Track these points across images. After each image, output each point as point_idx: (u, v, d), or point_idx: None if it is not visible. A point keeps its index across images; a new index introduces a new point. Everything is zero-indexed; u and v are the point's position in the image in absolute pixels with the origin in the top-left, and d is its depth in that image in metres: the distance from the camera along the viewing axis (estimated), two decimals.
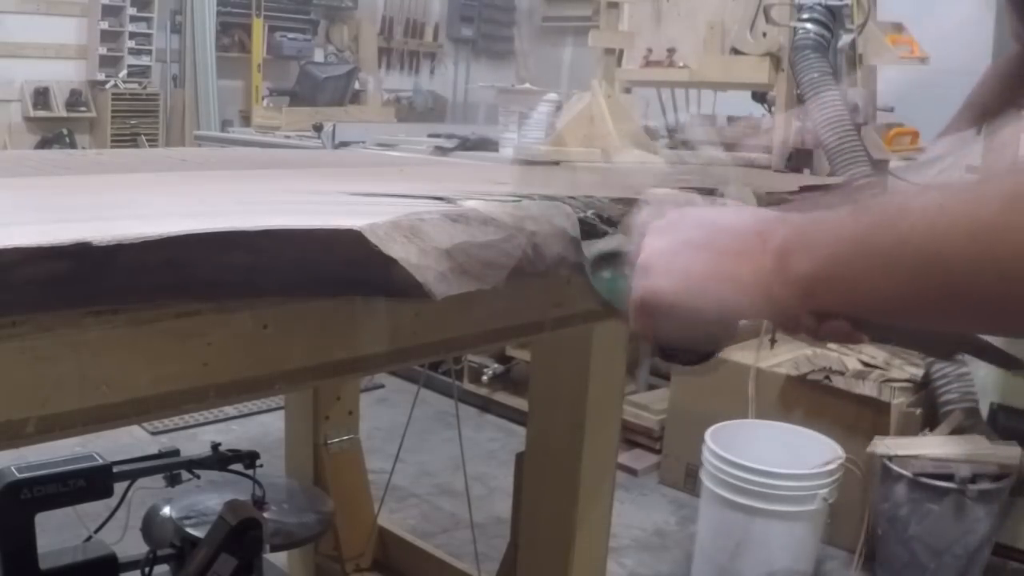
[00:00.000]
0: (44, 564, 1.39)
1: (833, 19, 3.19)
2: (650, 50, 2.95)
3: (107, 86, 6.26)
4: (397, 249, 0.68)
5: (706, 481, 2.53)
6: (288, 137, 4.05)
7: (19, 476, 1.35)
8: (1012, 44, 2.06)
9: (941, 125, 1.94)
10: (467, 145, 2.59)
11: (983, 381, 2.73)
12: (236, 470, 1.66)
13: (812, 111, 3.02)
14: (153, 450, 1.63)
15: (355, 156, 2.34)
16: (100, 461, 1.44)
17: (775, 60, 3.35)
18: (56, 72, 6.12)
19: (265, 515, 1.63)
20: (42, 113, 6.04)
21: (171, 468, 1.60)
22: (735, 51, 3.44)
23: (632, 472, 3.35)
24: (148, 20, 6.44)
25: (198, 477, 1.65)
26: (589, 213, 0.78)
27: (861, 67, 3.29)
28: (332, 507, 1.85)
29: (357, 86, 7.05)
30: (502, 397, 3.96)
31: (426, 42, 8.19)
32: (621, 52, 2.96)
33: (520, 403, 3.73)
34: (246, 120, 6.60)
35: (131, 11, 6.31)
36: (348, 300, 0.72)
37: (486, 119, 6.74)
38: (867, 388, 2.77)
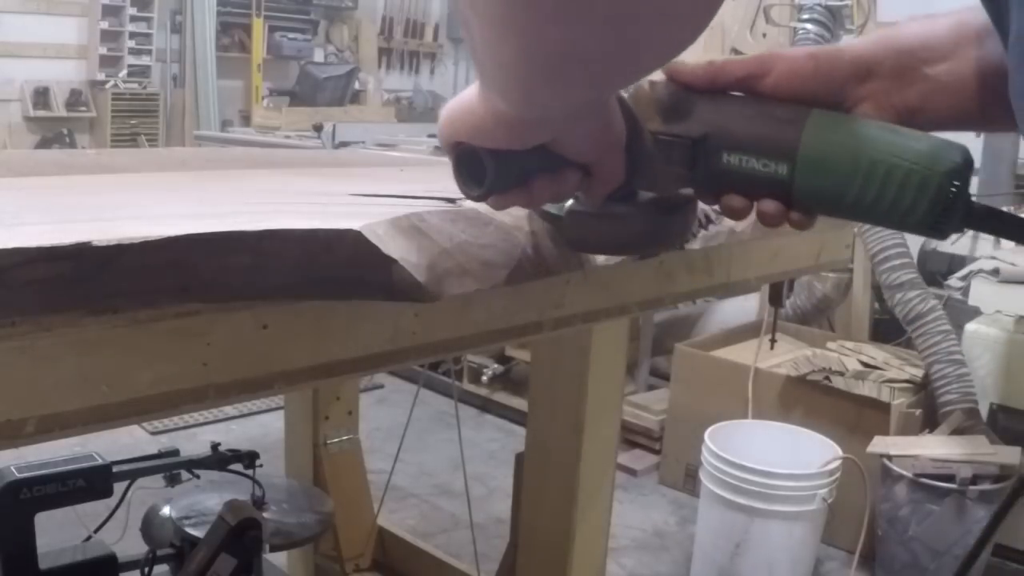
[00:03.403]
0: (44, 564, 1.39)
1: (833, 19, 3.19)
2: None
3: (107, 86, 6.27)
4: (397, 249, 0.68)
5: (705, 481, 2.53)
6: (288, 137, 4.07)
7: (19, 476, 1.35)
8: None
9: None
10: None
11: (983, 382, 2.73)
12: (236, 470, 1.66)
13: None
14: (153, 450, 1.63)
15: (355, 156, 2.34)
16: (100, 461, 1.44)
17: None
18: (56, 72, 6.12)
19: (265, 515, 1.63)
20: (42, 113, 6.05)
21: (171, 468, 1.60)
22: (735, 51, 3.45)
23: (632, 472, 3.36)
24: (148, 20, 6.45)
25: (198, 477, 1.65)
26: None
27: None
28: (332, 507, 1.85)
29: (357, 86, 7.07)
30: (502, 397, 3.96)
31: (426, 42, 8.20)
32: None
33: (520, 403, 3.73)
34: (246, 120, 6.61)
35: (131, 11, 6.32)
36: (348, 300, 0.72)
37: None
38: (867, 388, 2.77)
